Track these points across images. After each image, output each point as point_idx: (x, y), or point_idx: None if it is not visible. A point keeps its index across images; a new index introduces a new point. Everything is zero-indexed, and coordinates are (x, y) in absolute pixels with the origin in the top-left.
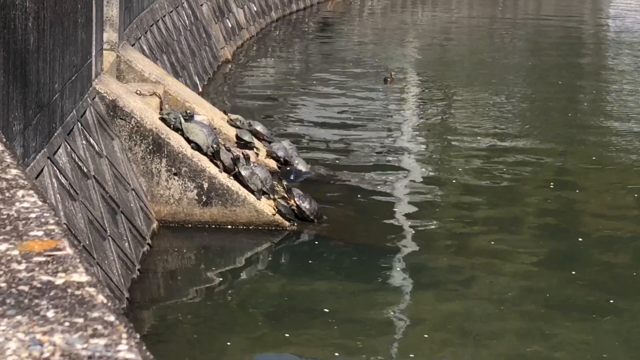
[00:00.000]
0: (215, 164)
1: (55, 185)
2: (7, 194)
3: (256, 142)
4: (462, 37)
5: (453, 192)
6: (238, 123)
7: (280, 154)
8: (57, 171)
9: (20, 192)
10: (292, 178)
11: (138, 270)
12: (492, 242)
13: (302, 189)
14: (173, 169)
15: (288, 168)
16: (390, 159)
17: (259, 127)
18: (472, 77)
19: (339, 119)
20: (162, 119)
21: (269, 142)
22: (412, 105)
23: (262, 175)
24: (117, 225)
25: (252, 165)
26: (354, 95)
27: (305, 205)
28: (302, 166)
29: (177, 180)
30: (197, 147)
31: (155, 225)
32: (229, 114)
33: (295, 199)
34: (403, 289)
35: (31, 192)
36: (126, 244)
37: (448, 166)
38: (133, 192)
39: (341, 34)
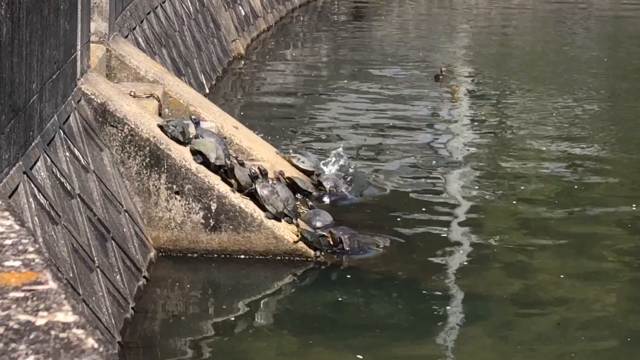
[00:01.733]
0: (229, 183)
1: (33, 205)
2: None
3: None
4: (525, 26)
5: (512, 217)
6: (296, 162)
7: (328, 185)
8: (35, 189)
9: None
10: (324, 200)
11: (132, 308)
12: (562, 276)
13: (333, 212)
14: (174, 186)
15: (320, 188)
16: (439, 176)
17: (310, 157)
18: (535, 74)
19: (376, 128)
20: (161, 128)
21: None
22: (465, 109)
23: (284, 195)
24: (107, 254)
25: (271, 182)
26: (395, 98)
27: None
28: (345, 191)
29: (180, 200)
30: (204, 162)
31: (152, 254)
32: (285, 154)
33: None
34: (451, 332)
35: (6, 213)
36: (118, 276)
37: (507, 185)
38: (126, 214)
39: (378, 23)
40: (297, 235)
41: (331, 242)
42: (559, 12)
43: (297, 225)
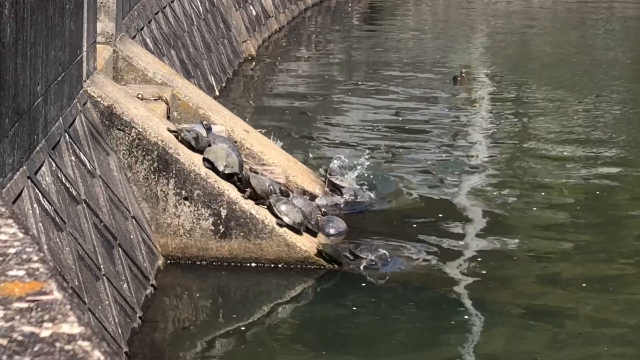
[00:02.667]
0: (242, 190)
1: (38, 211)
2: None
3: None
4: (545, 27)
5: (533, 224)
6: (335, 180)
7: (347, 194)
8: (40, 194)
9: None
10: (344, 208)
11: (140, 318)
12: (584, 285)
13: (348, 220)
14: (183, 192)
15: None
16: (456, 181)
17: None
18: (556, 76)
19: (391, 131)
20: (175, 132)
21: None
22: (484, 112)
23: (307, 209)
24: (113, 261)
25: (292, 195)
26: (411, 102)
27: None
28: (364, 198)
29: (189, 206)
30: (213, 170)
31: (160, 261)
32: (324, 173)
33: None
34: (468, 343)
35: (10, 221)
36: (125, 285)
37: (527, 191)
38: (133, 220)
39: (393, 24)
40: (318, 250)
41: (352, 258)
42: (580, 12)
43: (321, 250)
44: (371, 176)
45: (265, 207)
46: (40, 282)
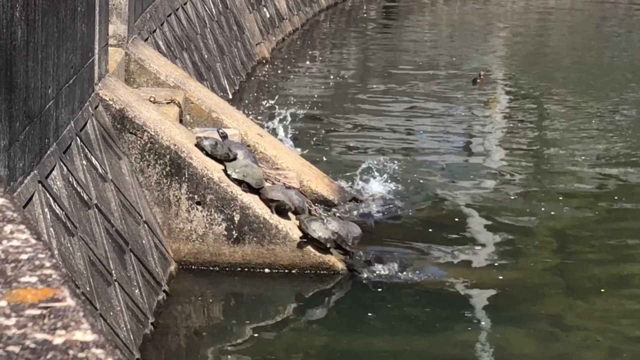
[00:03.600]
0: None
1: (49, 216)
2: None
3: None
4: (563, 29)
5: (550, 231)
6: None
7: (368, 208)
8: (51, 198)
9: (8, 227)
10: (367, 219)
11: (152, 323)
12: (602, 290)
13: (363, 225)
14: (196, 196)
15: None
16: (473, 185)
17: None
18: (573, 79)
19: (409, 136)
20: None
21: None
22: (502, 114)
23: (343, 232)
24: (125, 266)
25: (323, 216)
26: (427, 104)
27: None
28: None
29: (201, 211)
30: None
31: (173, 267)
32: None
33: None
34: (485, 352)
35: (22, 227)
36: (137, 290)
37: (545, 197)
38: (145, 225)
39: (409, 25)
40: (349, 267)
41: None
42: (599, 12)
43: (350, 266)
44: (387, 181)
45: (297, 224)
46: (53, 289)
